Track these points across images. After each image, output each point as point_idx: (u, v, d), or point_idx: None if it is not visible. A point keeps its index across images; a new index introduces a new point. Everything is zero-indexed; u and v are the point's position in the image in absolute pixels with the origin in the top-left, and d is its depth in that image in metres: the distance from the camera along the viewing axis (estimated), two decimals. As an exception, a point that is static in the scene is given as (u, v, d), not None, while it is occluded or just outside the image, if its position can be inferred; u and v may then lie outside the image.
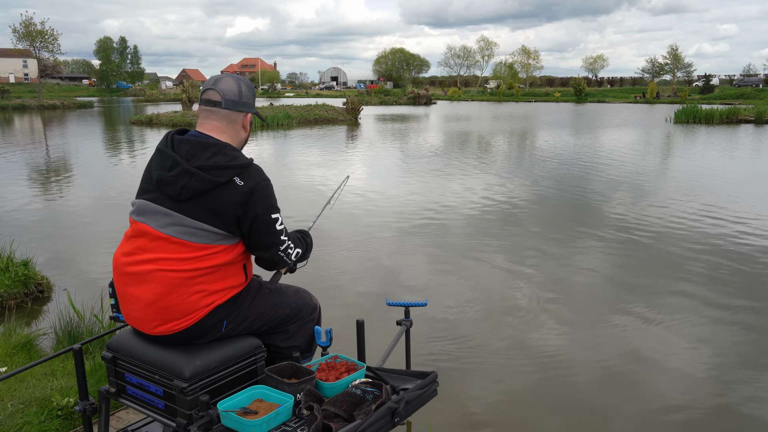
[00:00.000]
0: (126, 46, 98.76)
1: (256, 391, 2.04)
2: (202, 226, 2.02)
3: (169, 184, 2.02)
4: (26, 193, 11.22)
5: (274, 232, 2.12)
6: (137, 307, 2.08)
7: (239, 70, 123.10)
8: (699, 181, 12.15)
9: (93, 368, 3.59)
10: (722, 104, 38.94)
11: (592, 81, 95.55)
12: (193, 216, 2.02)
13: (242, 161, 2.06)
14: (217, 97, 2.13)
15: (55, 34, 56.01)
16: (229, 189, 2.02)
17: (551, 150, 18.09)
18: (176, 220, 2.03)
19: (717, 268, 6.36)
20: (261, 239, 2.11)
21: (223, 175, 2.01)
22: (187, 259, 2.03)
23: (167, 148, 2.08)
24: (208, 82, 2.19)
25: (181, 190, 2.00)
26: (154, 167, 2.10)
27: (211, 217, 2.02)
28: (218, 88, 2.14)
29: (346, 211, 9.22)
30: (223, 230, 2.04)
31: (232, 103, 2.15)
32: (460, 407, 3.73)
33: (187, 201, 2.02)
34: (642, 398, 3.82)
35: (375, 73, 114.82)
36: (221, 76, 2.19)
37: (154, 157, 2.12)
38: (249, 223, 2.06)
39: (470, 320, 5.09)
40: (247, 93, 2.19)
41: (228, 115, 2.15)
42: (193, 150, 2.04)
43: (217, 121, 2.14)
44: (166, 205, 2.04)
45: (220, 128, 2.14)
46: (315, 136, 23.33)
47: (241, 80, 2.20)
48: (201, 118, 2.17)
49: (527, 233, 7.98)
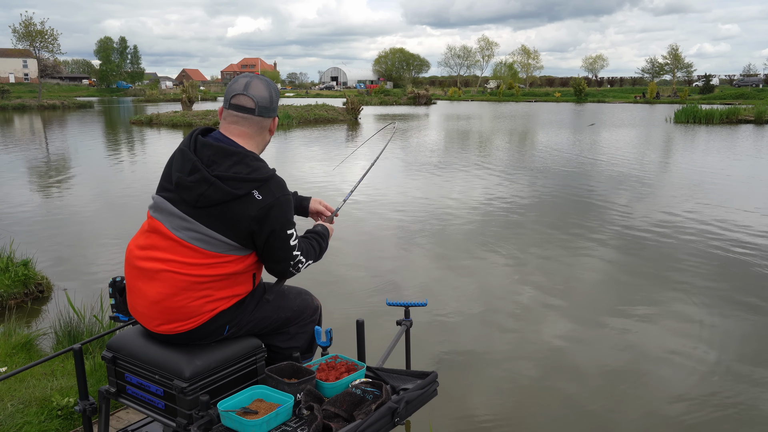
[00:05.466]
0: (126, 46, 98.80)
1: (256, 391, 2.04)
2: (216, 236, 2.00)
3: (187, 189, 1.99)
4: (26, 193, 11.22)
5: (288, 248, 2.10)
6: (143, 302, 2.08)
7: (239, 70, 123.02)
8: (700, 181, 12.15)
9: (93, 368, 3.59)
10: (722, 104, 38.94)
11: (592, 81, 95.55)
12: (207, 224, 1.99)
13: (263, 174, 2.01)
14: (251, 104, 2.07)
15: (54, 34, 56.08)
16: (246, 202, 1.98)
17: (552, 150, 18.08)
18: (191, 225, 2.00)
19: (719, 268, 6.36)
20: (273, 254, 2.10)
21: (242, 187, 1.97)
22: (197, 265, 2.01)
23: (189, 149, 2.04)
24: (236, 85, 2.10)
25: (198, 198, 1.98)
26: (174, 167, 2.06)
27: (225, 228, 2.00)
28: (251, 94, 2.07)
29: (347, 210, 9.22)
30: (236, 242, 2.02)
31: (265, 110, 2.10)
32: (461, 407, 3.73)
33: (204, 209, 1.99)
34: (644, 398, 3.82)
35: (375, 73, 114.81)
36: (250, 78, 2.11)
37: (176, 156, 2.08)
38: (264, 239, 2.04)
39: (470, 320, 5.09)
40: (275, 98, 2.15)
41: (260, 122, 2.11)
42: (215, 156, 2.00)
43: (247, 128, 2.09)
44: (182, 208, 2.01)
45: (249, 134, 2.10)
46: (315, 136, 23.33)
47: (270, 84, 2.14)
48: (228, 122, 2.09)
49: (528, 233, 7.98)
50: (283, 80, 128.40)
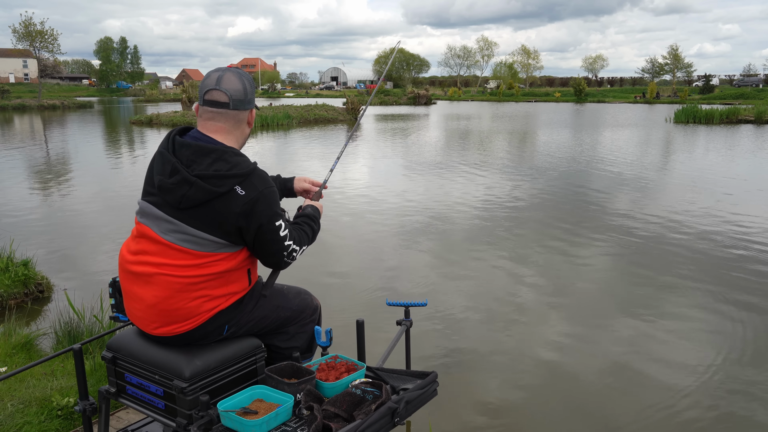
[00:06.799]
0: (126, 46, 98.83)
1: (256, 391, 2.04)
2: (204, 236, 1.98)
3: (169, 191, 1.98)
4: (26, 193, 11.22)
5: (278, 239, 2.08)
6: (139, 306, 2.08)
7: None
8: (700, 181, 12.15)
9: (93, 368, 3.59)
10: (722, 104, 38.94)
11: (592, 81, 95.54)
12: (194, 225, 1.98)
13: (244, 169, 1.98)
14: (224, 98, 2.04)
15: (54, 34, 56.15)
16: (229, 199, 1.96)
17: (552, 149, 18.08)
18: (178, 227, 1.99)
19: (720, 267, 6.36)
20: (265, 247, 2.08)
21: (223, 184, 1.95)
22: (189, 266, 2.00)
23: (168, 151, 2.02)
24: (209, 80, 2.07)
25: (181, 199, 1.96)
26: (155, 170, 2.05)
27: (212, 227, 1.98)
28: (224, 88, 2.04)
29: (347, 210, 9.22)
30: (225, 240, 2.01)
31: (239, 103, 2.07)
32: (460, 407, 3.73)
33: (188, 210, 1.98)
34: (644, 399, 3.82)
35: (375, 73, 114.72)
36: (221, 72, 2.09)
37: (156, 160, 2.07)
38: (253, 234, 2.03)
39: (471, 320, 5.09)
40: (250, 89, 2.13)
41: (236, 115, 2.08)
42: (194, 155, 1.98)
43: (223, 123, 2.07)
44: (167, 211, 2.00)
45: (226, 129, 2.08)
46: (315, 136, 23.33)
47: (243, 76, 2.12)
48: (204, 118, 2.07)
49: (529, 233, 7.98)
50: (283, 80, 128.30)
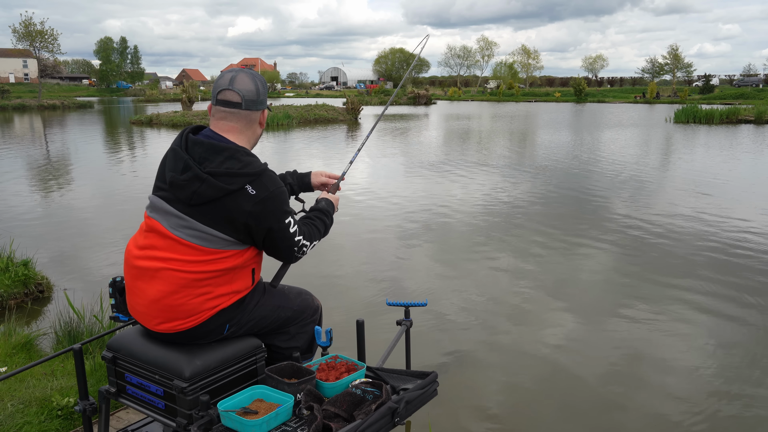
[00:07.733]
0: (126, 46, 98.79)
1: (256, 391, 2.04)
2: (213, 232, 2.01)
3: (180, 188, 2.01)
4: (26, 193, 11.22)
5: (288, 236, 2.12)
6: (142, 301, 2.09)
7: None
8: (700, 180, 12.14)
9: (93, 368, 3.59)
10: (722, 104, 38.94)
11: (592, 81, 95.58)
12: (203, 222, 2.01)
13: (255, 168, 2.02)
14: (237, 98, 2.07)
15: (54, 34, 56.14)
16: (240, 197, 1.99)
17: (552, 150, 18.08)
18: (188, 223, 2.02)
19: (721, 267, 6.36)
20: (276, 244, 2.13)
21: (234, 182, 1.98)
22: (196, 262, 2.02)
23: (181, 148, 2.06)
24: (222, 80, 2.10)
25: (192, 196, 1.99)
26: (167, 167, 2.08)
27: (221, 224, 2.01)
28: (236, 88, 2.07)
29: (347, 210, 9.22)
30: (234, 237, 2.04)
31: (252, 103, 2.10)
32: (461, 407, 3.73)
33: (198, 206, 2.00)
34: (644, 399, 3.82)
35: (375, 73, 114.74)
36: (235, 73, 2.11)
37: (168, 156, 2.11)
38: (263, 233, 2.06)
39: (471, 320, 5.09)
40: (263, 90, 2.15)
41: (248, 115, 2.11)
42: (206, 153, 2.01)
43: (235, 122, 2.10)
44: (178, 207, 2.03)
45: (238, 129, 2.10)
46: (315, 136, 23.33)
47: (256, 76, 2.15)
48: (216, 118, 2.10)
49: (529, 233, 7.98)
50: (283, 80, 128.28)
